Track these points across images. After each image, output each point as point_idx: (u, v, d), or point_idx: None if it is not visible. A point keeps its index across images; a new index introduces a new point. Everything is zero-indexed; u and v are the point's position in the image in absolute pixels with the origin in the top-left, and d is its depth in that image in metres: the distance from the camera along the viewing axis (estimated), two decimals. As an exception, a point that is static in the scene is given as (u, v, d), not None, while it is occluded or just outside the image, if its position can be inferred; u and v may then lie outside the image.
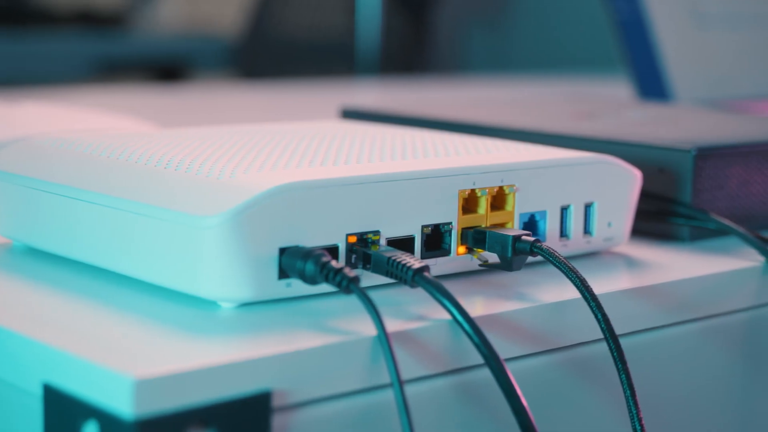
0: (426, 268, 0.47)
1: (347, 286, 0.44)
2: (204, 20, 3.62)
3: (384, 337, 0.43)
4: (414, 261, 0.47)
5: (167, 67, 3.26)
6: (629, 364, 0.53)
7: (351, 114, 0.78)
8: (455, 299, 0.45)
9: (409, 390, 0.45)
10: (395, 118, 0.74)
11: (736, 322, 0.57)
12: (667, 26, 1.08)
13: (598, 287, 0.52)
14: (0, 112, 0.72)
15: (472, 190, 0.52)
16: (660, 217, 0.62)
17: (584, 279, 0.49)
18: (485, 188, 0.52)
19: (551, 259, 0.50)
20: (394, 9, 2.91)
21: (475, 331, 0.45)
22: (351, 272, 0.45)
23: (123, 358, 0.40)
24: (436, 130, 0.69)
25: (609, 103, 0.85)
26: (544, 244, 0.50)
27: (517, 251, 0.51)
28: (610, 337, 0.48)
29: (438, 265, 0.51)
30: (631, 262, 0.57)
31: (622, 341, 0.52)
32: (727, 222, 0.59)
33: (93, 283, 0.50)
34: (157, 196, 0.48)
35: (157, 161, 0.50)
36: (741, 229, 0.59)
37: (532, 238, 0.51)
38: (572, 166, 0.55)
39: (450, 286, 0.50)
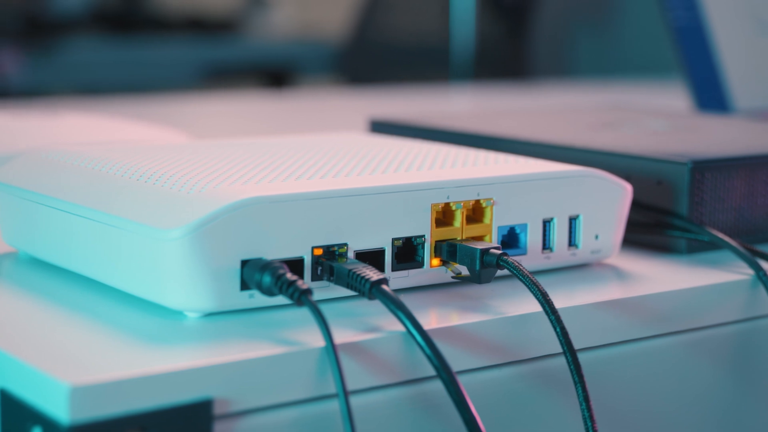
0: (384, 280, 0.48)
1: (299, 297, 0.46)
2: (313, 26, 3.67)
3: (331, 347, 0.44)
4: (372, 273, 0.48)
5: (276, 73, 3.32)
6: (605, 376, 0.54)
7: (379, 125, 0.79)
8: (409, 311, 0.46)
9: (362, 399, 0.46)
10: (419, 130, 0.75)
11: (723, 335, 0.57)
12: (727, 34, 1.07)
13: (576, 299, 0.53)
14: (35, 123, 0.75)
15: (447, 204, 0.53)
16: (657, 229, 0.62)
17: (546, 293, 0.49)
18: (460, 202, 0.53)
19: (515, 272, 0.50)
20: (488, 14, 2.91)
21: (427, 343, 0.46)
22: (303, 284, 0.46)
23: (68, 366, 0.42)
24: (454, 141, 0.70)
25: (639, 113, 0.85)
26: (510, 257, 0.51)
27: (485, 264, 0.52)
28: (568, 350, 0.48)
29: (410, 277, 0.52)
30: (619, 274, 0.58)
31: (597, 353, 0.53)
32: (719, 234, 0.59)
33: (75, 293, 0.52)
34: (128, 208, 0.50)
35: (140, 175, 0.52)
36: (732, 242, 0.59)
37: (499, 251, 0.51)
38: (554, 179, 0.56)
39: (421, 297, 0.52)
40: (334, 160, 0.56)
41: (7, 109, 0.85)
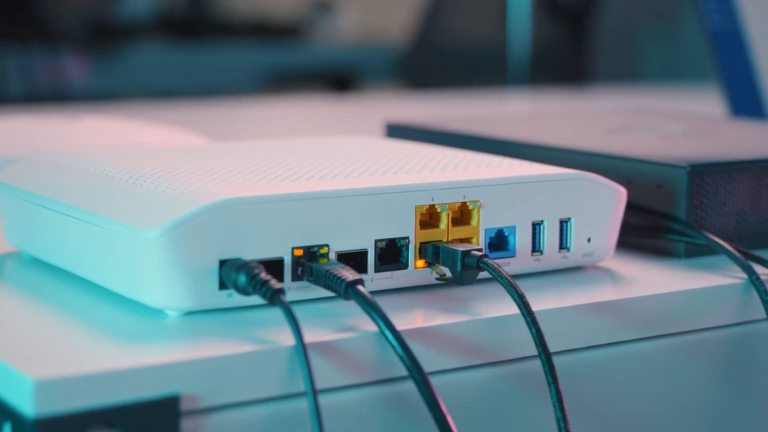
0: (359, 281, 0.48)
1: (271, 296, 0.47)
2: (378, 31, 3.68)
3: (300, 345, 0.45)
4: (349, 274, 0.49)
5: (340, 78, 3.34)
6: (591, 379, 0.54)
7: (394, 128, 0.80)
8: (382, 311, 0.47)
9: (334, 398, 0.47)
10: (432, 133, 0.76)
11: (713, 339, 0.57)
12: (764, 38, 1.06)
13: (564, 301, 0.53)
14: (55, 126, 0.77)
15: (431, 206, 0.53)
16: (656, 233, 0.62)
17: (523, 294, 0.50)
18: (445, 204, 0.53)
19: (494, 273, 0.51)
20: (545, 19, 2.90)
21: (399, 342, 0.46)
22: (276, 284, 0.47)
23: (38, 361, 0.43)
24: (465, 144, 0.71)
25: (661, 117, 0.84)
26: (491, 259, 0.52)
27: (466, 266, 0.52)
28: (543, 351, 0.49)
29: (394, 279, 0.53)
30: (612, 277, 0.58)
31: (583, 355, 0.53)
32: (715, 238, 0.59)
33: (66, 292, 0.53)
34: (112, 208, 0.51)
35: (131, 176, 0.53)
36: (726, 246, 0.58)
37: (480, 253, 0.52)
38: (544, 182, 0.56)
39: (404, 299, 0.52)
40: (327, 163, 0.57)
41: (58, 113, 0.87)
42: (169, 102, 1.75)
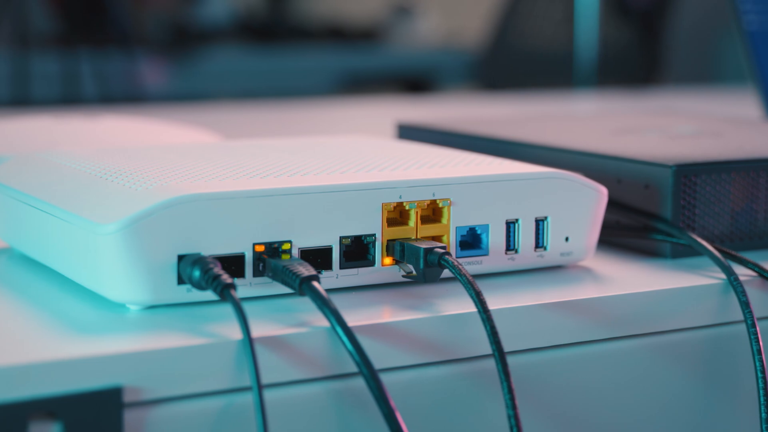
0: (314, 277, 0.49)
1: (221, 291, 0.47)
2: (456, 34, 3.68)
3: (247, 339, 0.45)
4: (305, 270, 0.49)
5: (417, 81, 3.34)
6: (560, 378, 0.54)
7: (405, 128, 0.80)
8: (334, 307, 0.47)
9: (283, 393, 0.48)
10: (438, 133, 0.76)
11: (688, 339, 0.56)
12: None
13: (533, 299, 0.53)
14: (73, 127, 0.78)
15: (399, 203, 0.53)
16: (642, 233, 0.61)
17: (480, 291, 0.50)
18: (414, 201, 0.54)
19: (454, 271, 0.51)
20: (616, 20, 2.88)
21: (349, 338, 0.47)
22: (228, 279, 0.47)
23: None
24: (469, 144, 0.71)
25: (679, 117, 0.84)
26: (451, 257, 0.52)
27: (428, 263, 0.52)
28: (497, 349, 0.49)
29: (360, 276, 0.53)
30: (591, 276, 0.58)
31: (550, 354, 0.53)
32: (697, 238, 0.59)
33: (38, 285, 0.54)
34: (77, 204, 0.52)
35: (106, 173, 0.54)
36: (708, 246, 0.58)
37: (442, 251, 0.52)
38: (517, 180, 0.56)
39: (369, 296, 0.53)
40: (308, 161, 0.57)
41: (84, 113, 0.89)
42: (244, 105, 1.77)
